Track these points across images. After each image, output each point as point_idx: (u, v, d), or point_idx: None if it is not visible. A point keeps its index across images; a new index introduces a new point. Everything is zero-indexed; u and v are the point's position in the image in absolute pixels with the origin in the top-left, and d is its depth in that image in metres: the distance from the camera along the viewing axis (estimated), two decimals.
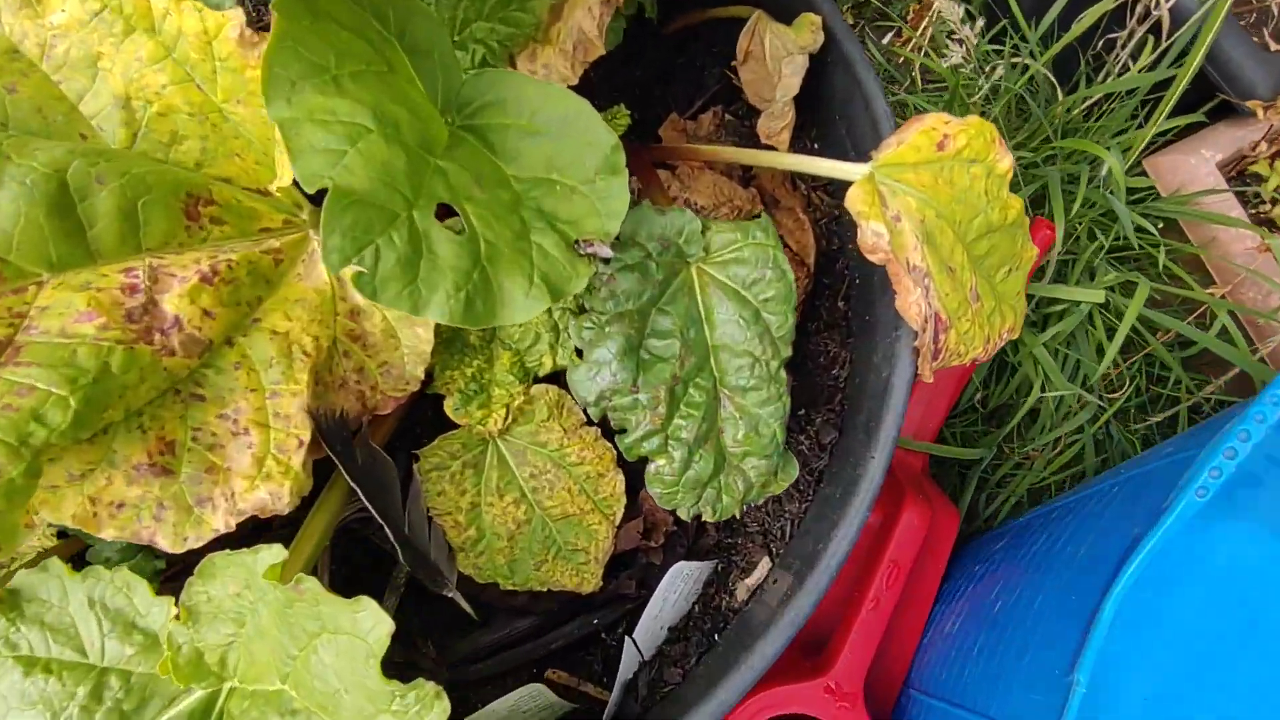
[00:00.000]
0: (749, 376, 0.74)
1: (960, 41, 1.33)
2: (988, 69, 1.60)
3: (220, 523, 0.63)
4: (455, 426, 0.85)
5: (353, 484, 0.72)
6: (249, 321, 0.69)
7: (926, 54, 1.68)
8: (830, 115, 1.07)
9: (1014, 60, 1.69)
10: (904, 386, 0.85)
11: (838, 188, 1.12)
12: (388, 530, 0.75)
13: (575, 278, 0.61)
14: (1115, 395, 1.63)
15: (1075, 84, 1.69)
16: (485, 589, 0.89)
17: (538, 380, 0.86)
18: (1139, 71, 1.58)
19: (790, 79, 0.96)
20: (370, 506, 0.73)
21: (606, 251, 0.62)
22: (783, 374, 0.76)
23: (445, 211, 0.56)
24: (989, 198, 0.95)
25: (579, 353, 0.71)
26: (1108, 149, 1.53)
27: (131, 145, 0.68)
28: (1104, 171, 1.66)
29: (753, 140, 1.14)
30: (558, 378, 0.94)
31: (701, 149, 1.00)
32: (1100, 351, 1.56)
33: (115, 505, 0.60)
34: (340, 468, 0.71)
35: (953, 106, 1.66)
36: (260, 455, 0.66)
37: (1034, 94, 1.70)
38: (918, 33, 1.81)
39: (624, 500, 0.90)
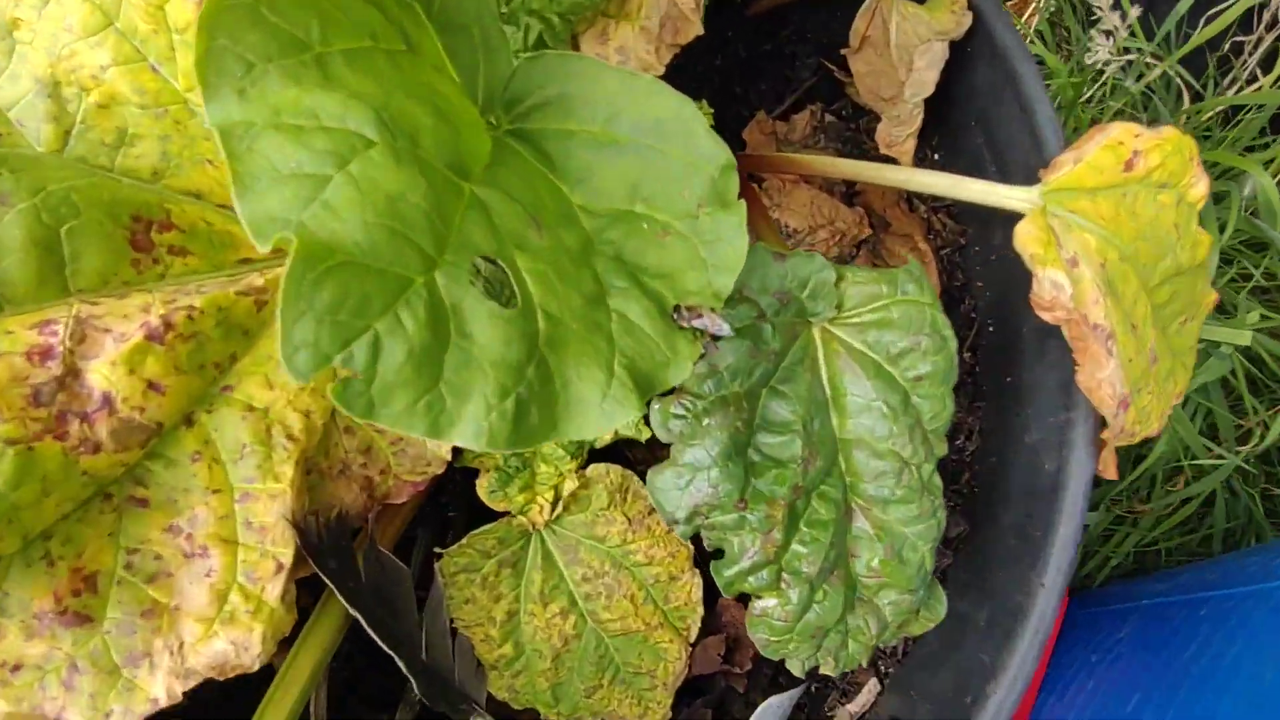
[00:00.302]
0: (894, 485, 0.53)
1: (1109, 33, 1.10)
2: (1115, 68, 1.36)
3: (160, 689, 0.45)
4: (490, 512, 0.66)
5: (352, 611, 0.53)
6: (216, 391, 0.51)
7: (1060, 46, 1.44)
8: (961, 119, 0.86)
9: (1127, 59, 1.45)
10: (1082, 489, 0.64)
11: (965, 211, 0.91)
12: (399, 661, 0.56)
13: (674, 364, 0.41)
14: (1244, 448, 1.39)
15: (1199, 91, 1.44)
16: (523, 717, 0.71)
17: (595, 455, 0.67)
18: (1273, 85, 1.34)
19: (924, 73, 0.75)
20: (375, 635, 0.54)
21: (722, 327, 0.42)
22: (937, 480, 0.55)
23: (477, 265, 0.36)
24: (1179, 232, 0.73)
25: (659, 443, 0.51)
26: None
27: (63, 148, 0.50)
28: (1246, 191, 1.41)
29: (859, 147, 0.93)
30: (619, 451, 0.75)
31: (801, 159, 0.80)
32: (1232, 396, 1.32)
33: (9, 668, 0.42)
34: (334, 590, 0.52)
35: (1072, 113, 1.42)
36: (222, 587, 0.47)
37: (1150, 98, 1.45)
38: (1021, 19, 1.57)
39: (701, 611, 0.71)
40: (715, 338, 0.43)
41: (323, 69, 0.33)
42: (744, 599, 0.54)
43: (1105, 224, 0.69)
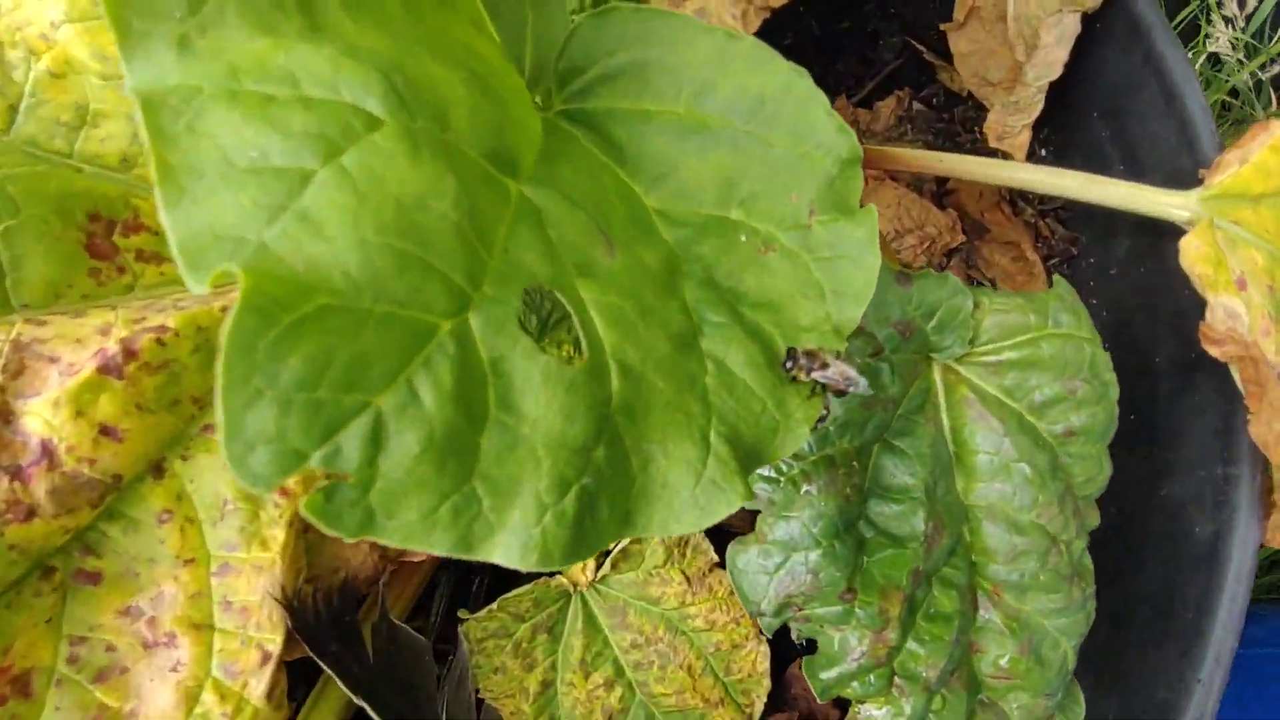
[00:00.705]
0: (1036, 567, 0.42)
1: (1229, 20, 0.96)
2: (1234, 59, 1.21)
3: None
4: (507, 576, 0.56)
5: (358, 700, 0.43)
6: (194, 432, 0.41)
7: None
8: (1081, 108, 0.73)
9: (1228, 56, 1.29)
10: (1248, 562, 0.52)
11: (1078, 216, 0.78)
12: None
13: (786, 430, 0.30)
14: None
15: None
16: None
17: None
18: None
19: (1052, 51, 0.63)
20: None
21: (856, 381, 0.31)
22: (1088, 561, 0.44)
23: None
24: None
25: (742, 510, 0.40)
26: None
27: (9, 127, 0.40)
28: None
29: (952, 140, 0.81)
30: None
31: (897, 153, 0.68)
32: None
33: None
34: (336, 679, 0.42)
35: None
36: (192, 685, 0.38)
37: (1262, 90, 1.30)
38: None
39: (768, 684, 0.60)
40: (841, 393, 0.31)
41: (307, 12, 0.23)
42: (841, 701, 0.44)
43: (1271, 238, 0.57)
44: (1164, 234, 0.68)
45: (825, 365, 0.30)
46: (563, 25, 0.36)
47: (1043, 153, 0.79)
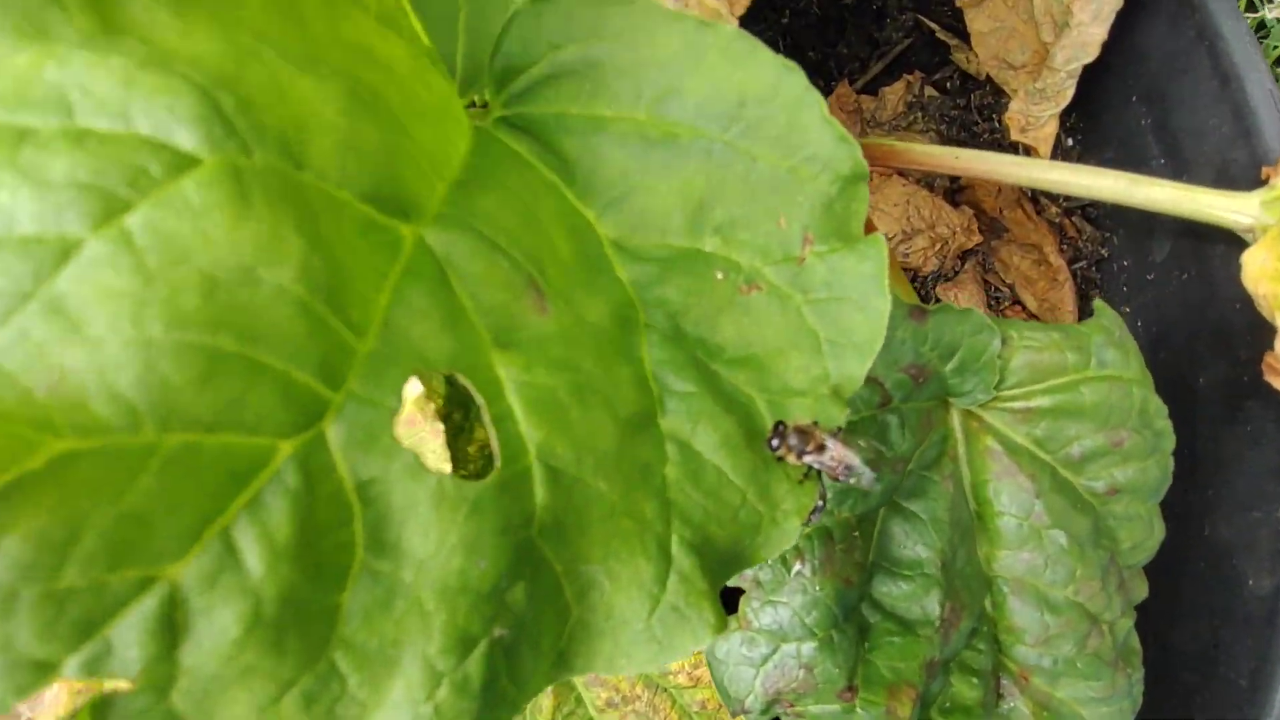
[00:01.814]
0: (1072, 651, 0.36)
1: None
2: None
3: None
4: None
5: None
6: None
7: None
8: (1116, 93, 0.66)
9: None
10: None
11: (1109, 214, 0.71)
12: None
13: (770, 527, 0.24)
14: None
15: None
16: None
17: None
18: None
19: (1088, 30, 0.55)
20: None
21: (859, 471, 0.25)
22: (1135, 642, 0.37)
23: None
24: None
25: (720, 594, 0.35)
26: None
27: None
28: None
29: (968, 129, 0.74)
30: None
31: (907, 149, 0.61)
32: None
33: None
34: None
35: None
36: None
37: None
38: None
39: None
40: (846, 477, 0.25)
41: (99, 7, 0.16)
42: None
43: None
44: (1209, 238, 0.61)
45: (821, 448, 0.24)
46: (501, 15, 0.30)
47: (1069, 142, 0.72)
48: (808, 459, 0.24)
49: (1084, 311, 0.70)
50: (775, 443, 0.24)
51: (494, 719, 0.19)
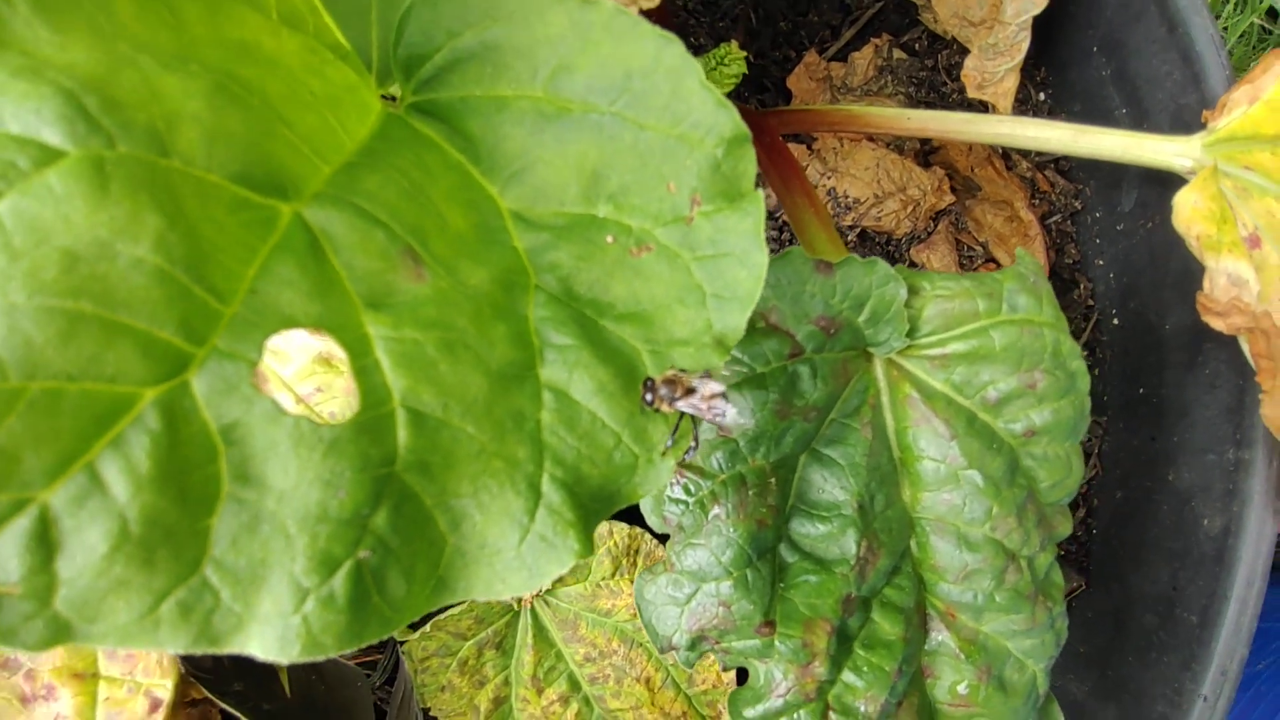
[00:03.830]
0: (992, 586, 0.37)
1: None
2: None
3: None
4: None
5: None
6: None
7: None
8: (1079, 46, 0.65)
9: None
10: (1261, 560, 0.46)
11: (1081, 166, 0.70)
12: None
13: (644, 469, 0.26)
14: None
15: None
16: None
17: None
18: None
19: None
20: None
21: (724, 410, 0.27)
22: (1057, 575, 0.39)
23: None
24: None
25: (654, 533, 0.37)
26: None
27: None
28: None
29: (936, 91, 0.74)
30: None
31: (862, 113, 0.61)
32: None
33: None
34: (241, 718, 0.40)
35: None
36: None
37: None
38: None
39: None
40: (719, 419, 0.27)
41: None
42: None
43: None
44: (1172, 184, 0.61)
45: (690, 391, 0.26)
46: (401, 6, 0.32)
47: (1041, 97, 0.71)
48: (679, 405, 0.26)
49: (1059, 265, 0.70)
50: (648, 397, 0.26)
51: (367, 632, 0.21)
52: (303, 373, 0.23)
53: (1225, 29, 1.11)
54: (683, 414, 0.27)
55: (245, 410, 0.19)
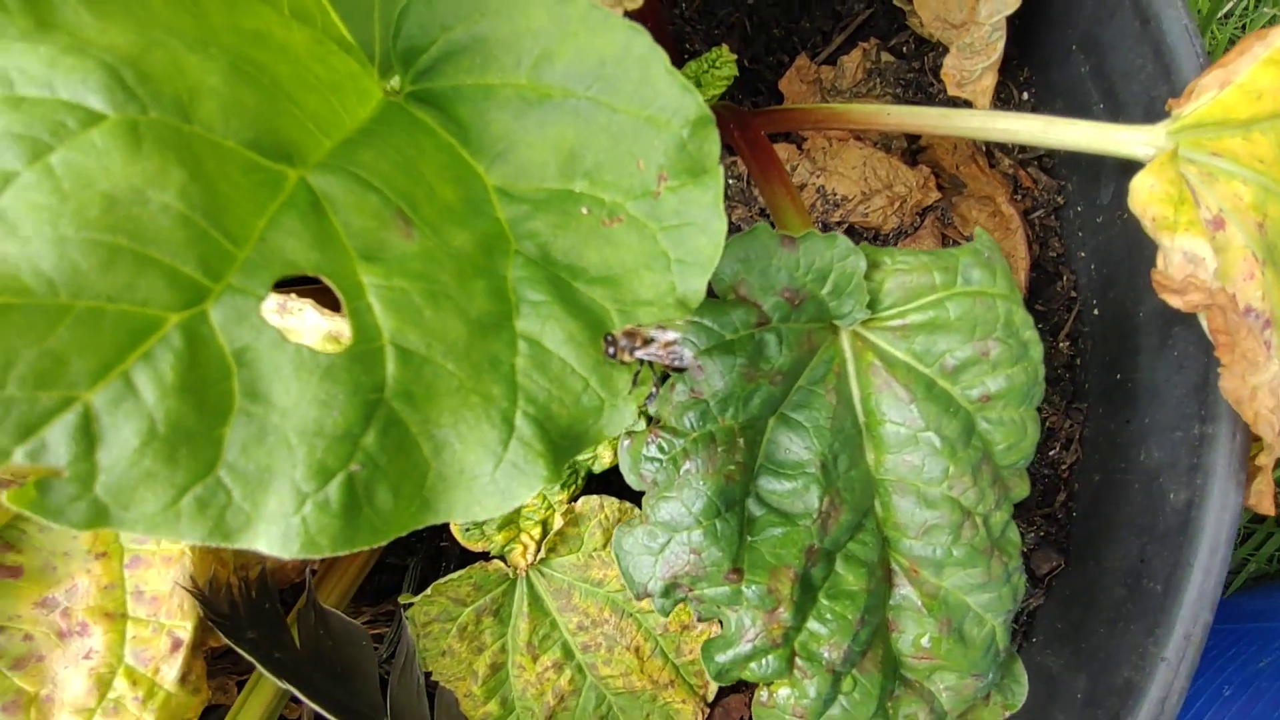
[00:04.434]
0: (949, 541, 0.40)
1: None
2: None
3: None
4: (470, 554, 0.57)
5: (283, 684, 0.45)
6: None
7: None
8: (1058, 44, 0.68)
9: None
10: (1224, 531, 0.48)
11: (1063, 163, 0.73)
12: None
13: (609, 410, 0.29)
14: None
15: None
16: None
17: (589, 484, 0.56)
18: None
19: None
20: (319, 708, 0.46)
21: (680, 355, 0.30)
22: (1013, 533, 0.41)
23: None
24: None
25: (632, 492, 0.40)
26: None
27: None
28: None
29: (923, 91, 0.77)
30: (618, 481, 0.63)
31: (846, 109, 0.64)
32: None
33: None
34: (258, 666, 0.44)
35: (1206, 32, 1.17)
36: (105, 671, 0.40)
37: None
38: None
39: None
40: (679, 369, 0.30)
41: (36, 11, 0.23)
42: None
43: (1266, 168, 0.52)
44: None
45: (648, 341, 0.29)
46: (400, 3, 0.35)
47: (1024, 96, 0.74)
48: (639, 354, 0.29)
49: (1042, 258, 0.72)
50: (610, 350, 0.29)
51: (358, 538, 0.24)
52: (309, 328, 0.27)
53: (1244, 26, 1.13)
54: (642, 362, 0.30)
55: (254, 337, 0.23)
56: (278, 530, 0.23)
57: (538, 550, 0.55)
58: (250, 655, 0.43)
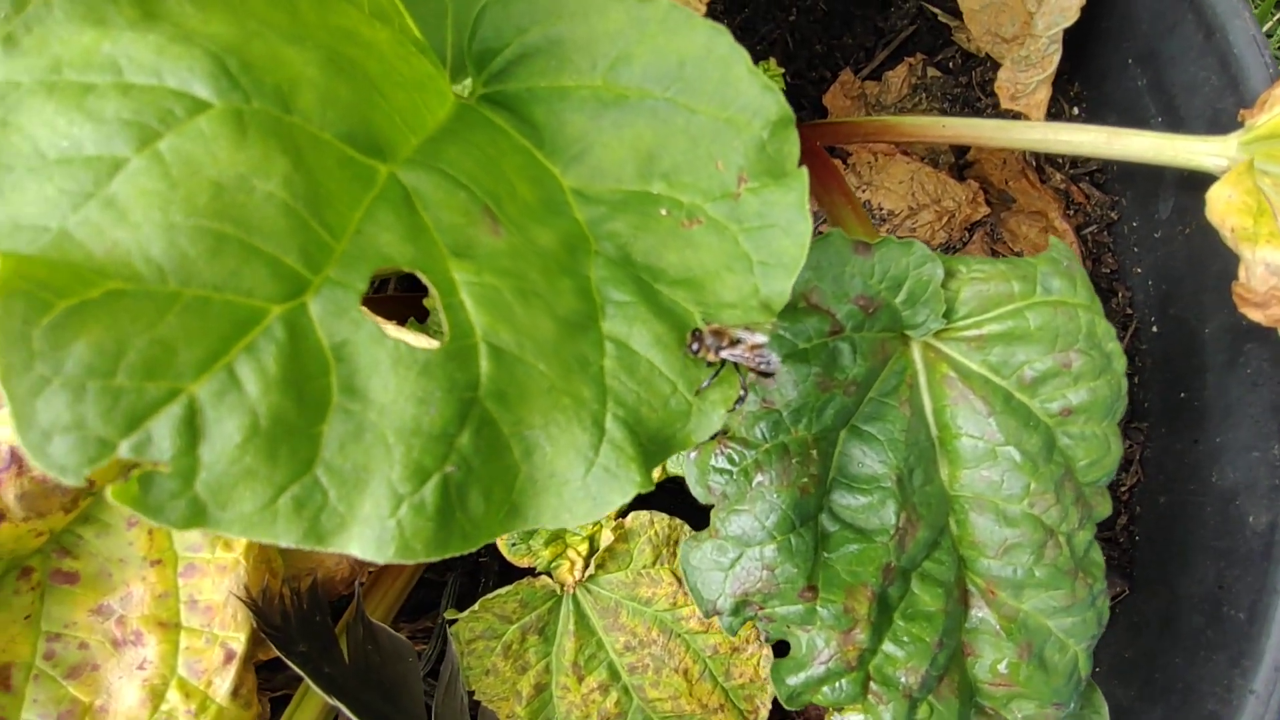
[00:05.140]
0: (1031, 561, 0.38)
1: None
2: None
3: None
4: (515, 570, 0.56)
5: (331, 700, 0.44)
6: None
7: None
8: (1113, 58, 0.67)
9: None
10: None
11: (1117, 178, 0.72)
12: None
13: (697, 415, 0.28)
14: None
15: None
16: None
17: (638, 499, 0.55)
18: None
19: None
20: None
21: (768, 359, 0.29)
22: (1096, 554, 0.39)
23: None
24: None
25: (698, 505, 0.39)
26: None
27: None
28: None
29: (971, 106, 0.76)
30: (669, 494, 0.62)
31: (898, 122, 0.64)
32: None
33: None
34: (307, 680, 0.43)
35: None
36: (158, 682, 0.39)
37: None
38: None
39: (773, 689, 0.57)
40: (766, 374, 0.29)
41: (143, 2, 0.22)
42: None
43: None
44: (1207, 188, 0.61)
45: (735, 342, 0.28)
46: (476, 6, 0.35)
47: (1074, 111, 0.73)
48: (724, 354, 0.28)
49: (1095, 274, 0.71)
50: (695, 346, 0.28)
51: (450, 543, 0.23)
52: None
53: None
54: (725, 363, 0.29)
55: (353, 331, 0.22)
56: (372, 533, 0.22)
57: (586, 566, 0.54)
58: (301, 669, 0.42)
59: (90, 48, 0.21)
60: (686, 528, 0.55)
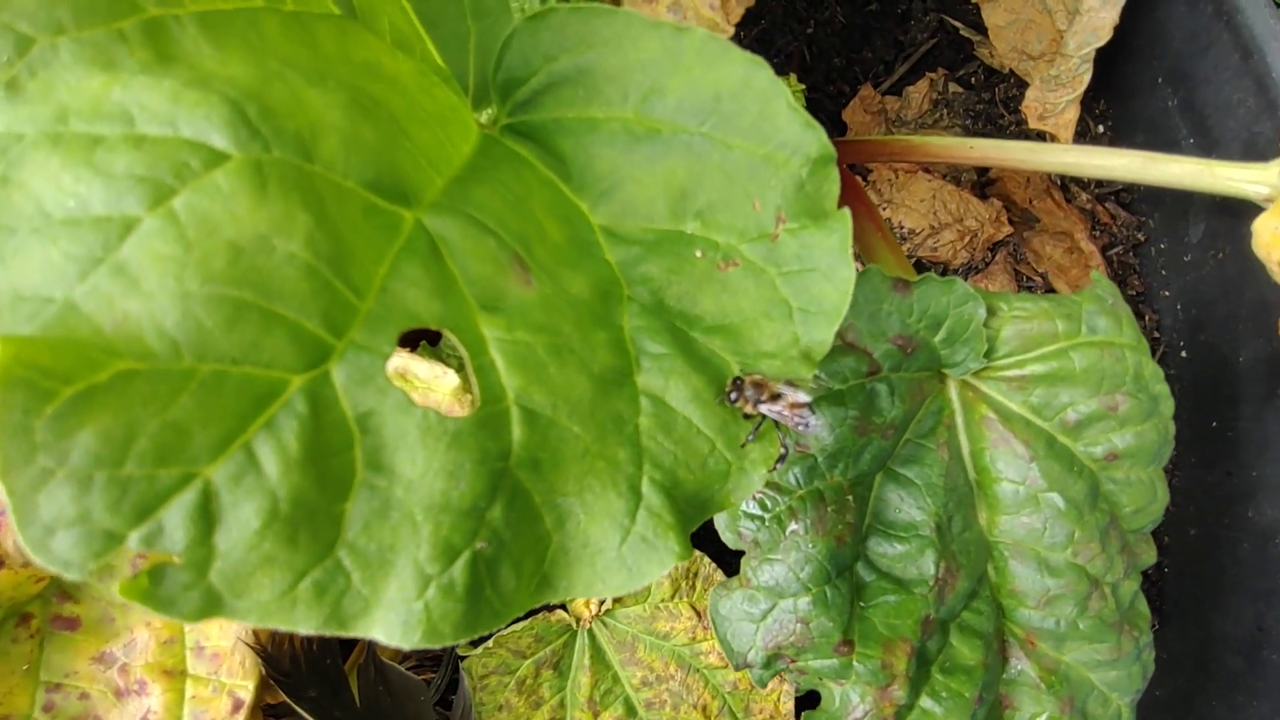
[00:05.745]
0: (1075, 613, 0.36)
1: None
2: None
3: None
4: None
5: None
6: None
7: None
8: (1141, 77, 0.65)
9: None
10: None
11: (1144, 199, 0.70)
12: None
13: (737, 474, 0.27)
14: None
15: None
16: None
17: None
18: None
19: (1097, 15, 0.56)
20: None
21: (809, 421, 0.27)
22: (1142, 605, 0.38)
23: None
24: None
25: (719, 537, 0.37)
26: None
27: None
28: None
29: (993, 123, 0.74)
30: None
31: (922, 142, 0.62)
32: None
33: None
34: None
35: None
36: None
37: None
38: None
39: None
40: (804, 426, 0.27)
41: (156, 43, 0.21)
42: None
43: None
44: (1242, 214, 0.60)
45: (776, 397, 0.26)
46: (504, 28, 0.34)
47: (1100, 129, 0.71)
48: (763, 408, 0.27)
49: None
50: (733, 395, 0.27)
51: (480, 623, 0.22)
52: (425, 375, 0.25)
53: None
54: (764, 418, 0.27)
55: (379, 400, 0.20)
56: (397, 617, 0.21)
57: (602, 600, 0.53)
58: (312, 716, 0.41)
59: (100, 95, 0.19)
60: (706, 560, 0.54)
